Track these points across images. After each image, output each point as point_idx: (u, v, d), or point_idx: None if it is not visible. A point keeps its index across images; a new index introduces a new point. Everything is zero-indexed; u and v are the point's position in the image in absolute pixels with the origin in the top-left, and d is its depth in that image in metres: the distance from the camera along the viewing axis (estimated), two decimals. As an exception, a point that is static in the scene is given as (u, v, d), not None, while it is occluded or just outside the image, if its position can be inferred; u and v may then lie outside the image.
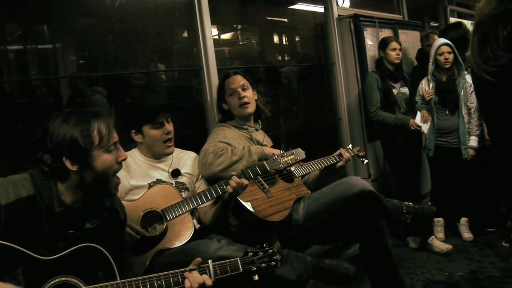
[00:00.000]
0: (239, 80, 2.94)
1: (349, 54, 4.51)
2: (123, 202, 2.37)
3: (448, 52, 3.99)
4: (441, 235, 4.22)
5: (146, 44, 3.23)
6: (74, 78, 3.01)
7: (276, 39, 4.72)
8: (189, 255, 2.10)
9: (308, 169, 2.97)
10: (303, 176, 2.99)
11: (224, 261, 1.85)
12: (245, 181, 2.35)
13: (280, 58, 4.77)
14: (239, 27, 4.62)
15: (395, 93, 4.18)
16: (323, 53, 4.63)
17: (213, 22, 3.43)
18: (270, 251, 1.96)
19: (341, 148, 3.19)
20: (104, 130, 1.72)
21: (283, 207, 2.67)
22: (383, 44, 4.25)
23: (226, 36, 4.59)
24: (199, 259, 1.82)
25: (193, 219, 2.54)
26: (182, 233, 2.32)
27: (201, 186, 2.66)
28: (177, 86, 3.42)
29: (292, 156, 2.48)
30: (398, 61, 4.15)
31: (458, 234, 4.26)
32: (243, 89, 2.91)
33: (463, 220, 4.25)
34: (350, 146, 3.40)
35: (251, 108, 2.94)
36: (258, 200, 2.62)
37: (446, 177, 4.22)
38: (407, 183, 4.26)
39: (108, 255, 1.71)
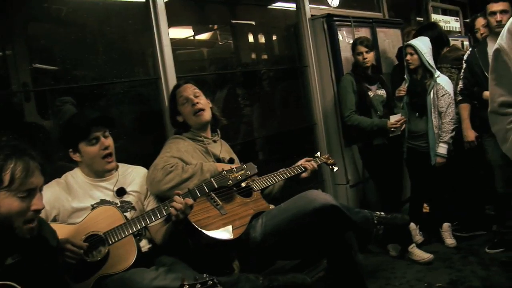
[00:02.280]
0: (190, 87, 2.80)
1: (323, 56, 4.32)
2: (63, 225, 2.22)
3: (410, 54, 3.89)
4: (418, 237, 4.08)
5: (97, 53, 3.05)
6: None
7: (248, 41, 4.54)
8: (125, 285, 1.95)
9: (268, 182, 2.81)
10: (263, 190, 2.81)
11: None
12: (190, 201, 2.18)
13: (252, 61, 4.57)
14: (215, 27, 4.46)
15: (371, 96, 3.99)
16: (297, 55, 4.44)
17: (172, 25, 3.25)
18: (210, 282, 1.79)
19: (307, 158, 3.02)
20: (19, 173, 1.54)
21: (239, 224, 2.50)
22: (352, 47, 4.08)
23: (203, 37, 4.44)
24: None
25: (140, 240, 2.37)
26: (125, 258, 2.14)
27: (150, 204, 2.49)
28: (133, 96, 3.23)
29: (242, 172, 2.30)
30: (367, 65, 3.96)
31: (440, 239, 4.10)
32: (195, 96, 2.77)
33: (446, 225, 4.10)
34: (318, 154, 3.24)
35: (206, 115, 2.79)
36: (211, 218, 2.44)
37: (422, 180, 4.12)
38: (387, 189, 4.07)
39: None
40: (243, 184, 2.44)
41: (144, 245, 2.40)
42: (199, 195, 2.25)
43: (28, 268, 1.63)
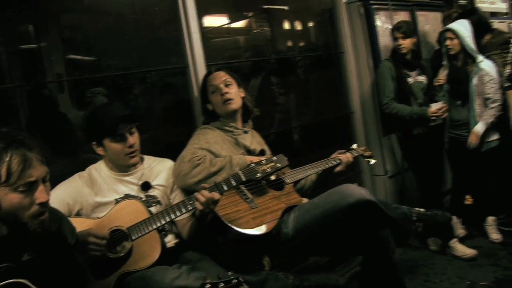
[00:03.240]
0: (221, 76, 2.70)
1: (360, 41, 4.15)
2: (86, 220, 2.17)
3: (450, 38, 3.64)
4: (460, 231, 3.87)
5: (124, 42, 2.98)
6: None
7: (282, 27, 4.38)
8: (145, 284, 1.87)
9: (301, 175, 2.68)
10: (296, 183, 2.69)
11: None
12: (216, 195, 2.09)
13: (287, 48, 4.42)
14: (249, 14, 4.32)
15: (411, 82, 3.81)
16: (333, 41, 4.27)
17: (203, 13, 3.15)
18: (234, 281, 1.68)
19: (339, 150, 2.88)
20: (15, 166, 1.45)
21: (270, 218, 2.38)
22: (390, 32, 3.89)
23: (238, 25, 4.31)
24: None
25: (165, 236, 2.30)
26: (148, 254, 2.06)
27: (176, 198, 2.40)
28: (162, 85, 3.16)
29: (272, 164, 2.19)
30: (404, 51, 3.78)
31: (485, 234, 3.88)
32: (226, 85, 2.67)
33: (490, 219, 3.88)
34: (355, 145, 3.08)
35: (235, 104, 2.68)
36: (240, 212, 2.34)
37: (464, 171, 3.89)
38: (426, 180, 3.89)
39: None
40: (273, 177, 2.34)
41: (170, 240, 2.33)
42: (226, 188, 2.15)
43: (44, 265, 1.57)
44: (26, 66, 2.71)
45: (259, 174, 2.17)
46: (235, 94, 2.68)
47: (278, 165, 2.19)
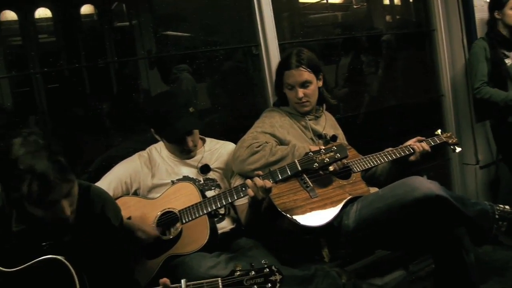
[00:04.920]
0: (300, 75, 2.46)
1: (454, 18, 3.80)
2: (141, 199, 2.21)
3: None
4: None
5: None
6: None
7: (367, 2, 4.13)
8: (183, 269, 1.88)
9: (370, 164, 2.50)
10: (365, 172, 2.52)
11: (202, 281, 1.55)
12: (269, 184, 2.00)
13: (373, 25, 4.17)
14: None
15: (508, 64, 3.41)
16: (423, 17, 3.96)
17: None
18: (267, 270, 1.60)
19: (418, 137, 2.65)
20: (35, 189, 1.42)
21: (330, 208, 2.26)
22: (499, 3, 3.48)
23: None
24: (165, 279, 1.56)
25: (222, 220, 2.28)
26: (196, 239, 2.05)
27: (236, 182, 2.35)
28: (229, 66, 3.11)
29: (331, 154, 2.05)
30: None
31: None
32: (303, 86, 2.48)
33: None
34: (439, 131, 2.82)
35: (309, 106, 2.55)
36: (298, 201, 2.24)
37: None
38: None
39: (72, 270, 1.49)
40: (331, 168, 2.20)
41: (227, 225, 2.29)
42: (280, 177, 2.05)
43: (85, 246, 1.60)
44: (119, 43, 2.80)
45: (316, 164, 2.04)
46: (312, 93, 2.51)
47: (338, 155, 2.04)
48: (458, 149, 2.88)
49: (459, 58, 3.84)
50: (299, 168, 2.05)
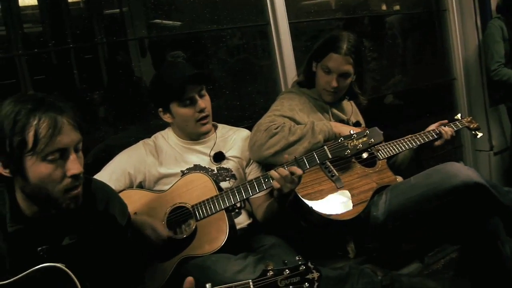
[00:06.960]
0: (345, 64, 2.21)
1: (467, -3, 3.66)
2: (148, 193, 2.00)
3: None
4: None
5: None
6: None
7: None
8: (204, 274, 1.65)
9: (396, 149, 2.33)
10: (389, 159, 2.35)
11: (230, 284, 1.36)
12: (298, 170, 1.79)
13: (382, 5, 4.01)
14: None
15: (526, 44, 3.30)
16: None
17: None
18: (302, 267, 1.40)
19: (441, 121, 2.49)
20: (43, 130, 1.24)
21: (358, 200, 2.09)
22: None
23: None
24: (190, 278, 1.37)
25: (238, 215, 2.06)
26: (214, 238, 1.82)
27: (252, 172, 2.16)
28: (239, 45, 2.92)
29: (364, 139, 1.85)
30: None
31: None
32: (342, 76, 2.24)
33: None
34: (458, 115, 2.68)
35: (335, 98, 2.34)
36: (324, 192, 2.06)
37: None
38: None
39: (75, 278, 1.28)
40: (365, 155, 2.02)
41: (243, 221, 2.08)
42: (308, 166, 1.84)
43: (88, 249, 1.40)
44: (110, 29, 2.62)
45: (348, 151, 1.84)
46: (345, 87, 2.29)
47: (372, 140, 1.84)
48: (480, 134, 2.76)
49: (472, 40, 3.72)
50: (330, 156, 1.85)
